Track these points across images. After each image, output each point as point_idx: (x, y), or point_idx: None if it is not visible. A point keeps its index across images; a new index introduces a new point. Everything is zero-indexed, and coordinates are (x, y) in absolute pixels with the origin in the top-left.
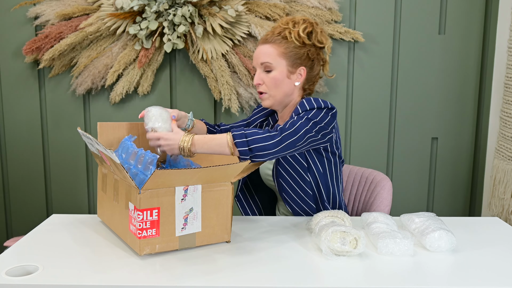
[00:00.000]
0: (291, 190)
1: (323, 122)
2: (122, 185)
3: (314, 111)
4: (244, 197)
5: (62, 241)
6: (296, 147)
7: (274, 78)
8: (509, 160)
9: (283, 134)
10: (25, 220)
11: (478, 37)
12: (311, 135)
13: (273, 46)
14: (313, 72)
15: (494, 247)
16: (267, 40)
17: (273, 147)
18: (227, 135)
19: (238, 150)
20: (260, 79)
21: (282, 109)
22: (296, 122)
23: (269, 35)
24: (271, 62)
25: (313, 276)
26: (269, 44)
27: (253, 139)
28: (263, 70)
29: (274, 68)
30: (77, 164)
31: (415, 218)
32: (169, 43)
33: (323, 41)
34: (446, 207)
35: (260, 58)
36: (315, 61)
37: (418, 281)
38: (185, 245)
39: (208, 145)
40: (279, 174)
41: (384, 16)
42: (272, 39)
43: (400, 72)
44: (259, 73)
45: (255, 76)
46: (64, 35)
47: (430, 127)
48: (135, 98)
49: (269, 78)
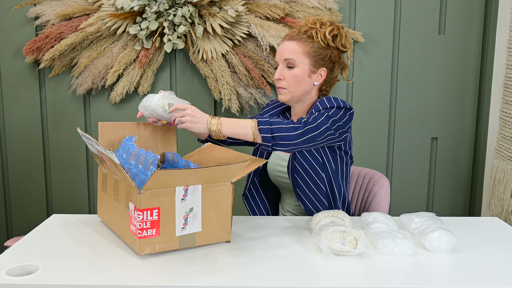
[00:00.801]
0: (306, 186)
1: (342, 121)
2: (122, 185)
3: (334, 109)
4: (252, 196)
5: (62, 241)
6: (315, 142)
7: (296, 75)
8: (509, 160)
9: (306, 127)
10: (25, 220)
11: (478, 37)
12: (330, 132)
13: (299, 43)
14: (333, 74)
15: (494, 247)
16: (293, 37)
17: (295, 138)
18: (252, 121)
19: (261, 135)
20: (281, 75)
21: (298, 107)
22: (318, 118)
23: (295, 32)
24: (294, 59)
25: (313, 276)
26: (294, 41)
27: (277, 127)
28: (285, 66)
29: (297, 65)
30: (77, 164)
31: (415, 218)
32: (169, 43)
33: (347, 46)
34: (446, 207)
35: (284, 54)
36: (336, 64)
37: (418, 281)
38: (185, 245)
39: (233, 126)
40: (294, 169)
41: (384, 16)
42: (298, 36)
43: (400, 72)
44: (281, 68)
45: (276, 71)
46: (64, 35)
47: (430, 127)
48: (136, 98)
49: (290, 74)
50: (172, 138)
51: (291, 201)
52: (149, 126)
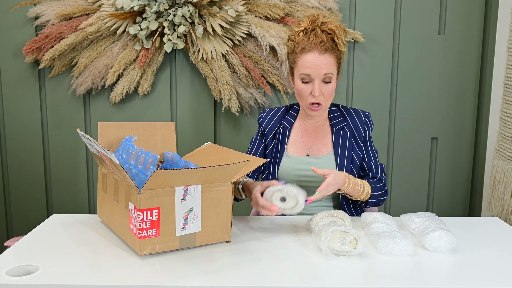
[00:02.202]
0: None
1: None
2: (122, 185)
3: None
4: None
5: (62, 241)
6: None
7: (332, 89)
8: (509, 160)
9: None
10: (25, 220)
11: (478, 37)
12: None
13: (331, 55)
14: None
15: (494, 247)
16: (327, 49)
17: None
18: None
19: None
20: (320, 91)
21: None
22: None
23: (323, 42)
24: (333, 74)
25: (313, 276)
26: (328, 54)
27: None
28: (321, 81)
29: (333, 79)
30: (77, 164)
31: (415, 218)
32: (169, 43)
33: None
34: (446, 207)
35: (324, 68)
36: (340, 69)
37: (418, 281)
38: (185, 245)
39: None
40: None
41: (384, 16)
42: (330, 47)
43: (400, 72)
44: (318, 84)
45: (316, 88)
46: (64, 35)
47: (430, 127)
48: (135, 98)
49: (329, 89)
50: (171, 138)
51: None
52: (149, 126)
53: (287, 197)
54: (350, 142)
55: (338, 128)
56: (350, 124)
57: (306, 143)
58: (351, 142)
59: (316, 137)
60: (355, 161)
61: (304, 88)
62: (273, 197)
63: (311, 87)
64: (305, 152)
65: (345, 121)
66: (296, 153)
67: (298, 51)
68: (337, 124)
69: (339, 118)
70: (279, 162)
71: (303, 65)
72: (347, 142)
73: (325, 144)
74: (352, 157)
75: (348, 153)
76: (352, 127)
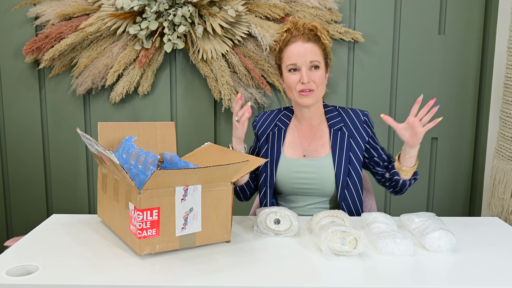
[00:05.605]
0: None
1: None
2: (122, 185)
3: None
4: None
5: (62, 241)
6: None
7: (321, 76)
8: (509, 160)
9: None
10: (25, 220)
11: (478, 37)
12: None
13: (316, 45)
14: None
15: (494, 247)
16: (310, 38)
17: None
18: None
19: (411, 179)
20: (309, 77)
21: (313, 109)
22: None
23: (305, 34)
24: (318, 61)
25: (313, 276)
26: (312, 43)
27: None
28: (308, 68)
29: (320, 66)
30: (77, 164)
31: (415, 218)
32: (169, 43)
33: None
34: (446, 207)
35: (309, 56)
36: (328, 62)
37: (418, 281)
38: (185, 245)
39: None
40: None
41: (384, 16)
42: (313, 38)
43: (400, 72)
44: (305, 70)
45: (303, 75)
46: (64, 35)
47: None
48: (135, 98)
49: (318, 75)
50: (171, 138)
51: (301, 205)
52: (149, 126)
53: (281, 219)
54: (348, 142)
55: (336, 129)
56: (349, 124)
57: (302, 144)
58: (349, 142)
59: (313, 138)
60: (353, 161)
61: (292, 77)
62: (267, 219)
63: (299, 76)
64: (301, 153)
65: (343, 122)
66: (293, 154)
67: (283, 46)
68: (335, 125)
69: (336, 118)
70: (276, 164)
71: (288, 57)
72: (345, 142)
73: (323, 144)
74: (350, 157)
75: (346, 153)
76: (351, 127)
